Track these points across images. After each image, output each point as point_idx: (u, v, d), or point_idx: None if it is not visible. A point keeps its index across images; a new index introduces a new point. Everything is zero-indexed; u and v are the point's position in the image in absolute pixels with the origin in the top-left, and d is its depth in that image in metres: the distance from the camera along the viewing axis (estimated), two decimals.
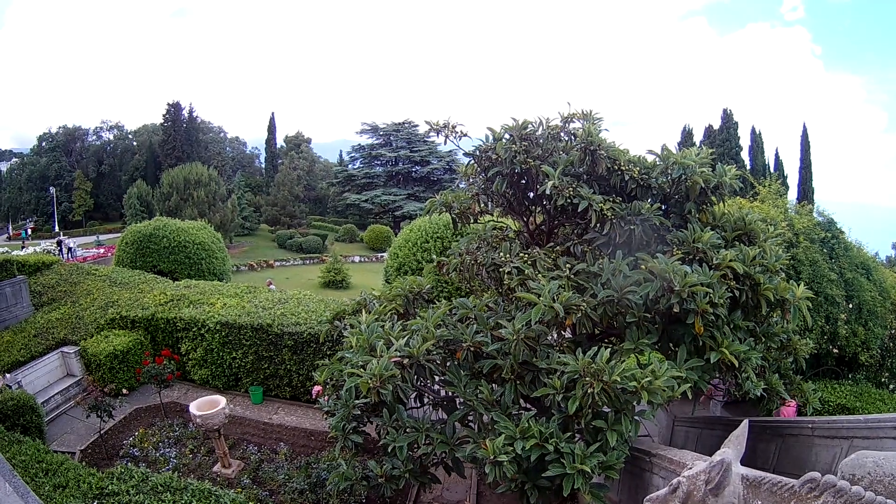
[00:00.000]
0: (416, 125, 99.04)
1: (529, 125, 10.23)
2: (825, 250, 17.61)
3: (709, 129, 69.94)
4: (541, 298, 8.06)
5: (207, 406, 13.37)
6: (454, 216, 11.30)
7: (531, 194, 10.64)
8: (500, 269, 9.62)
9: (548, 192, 9.09)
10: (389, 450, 8.64)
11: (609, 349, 7.77)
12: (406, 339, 8.61)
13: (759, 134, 69.78)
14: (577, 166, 9.65)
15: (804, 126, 68.36)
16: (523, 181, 10.38)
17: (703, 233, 8.78)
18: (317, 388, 13.62)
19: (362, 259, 72.08)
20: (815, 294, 16.00)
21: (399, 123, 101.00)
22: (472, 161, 10.68)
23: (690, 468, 5.36)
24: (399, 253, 25.24)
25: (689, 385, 8.03)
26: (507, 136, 10.18)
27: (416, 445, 8.69)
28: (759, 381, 9.61)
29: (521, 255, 9.62)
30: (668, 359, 8.51)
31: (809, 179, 67.20)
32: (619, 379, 7.26)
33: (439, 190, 11.81)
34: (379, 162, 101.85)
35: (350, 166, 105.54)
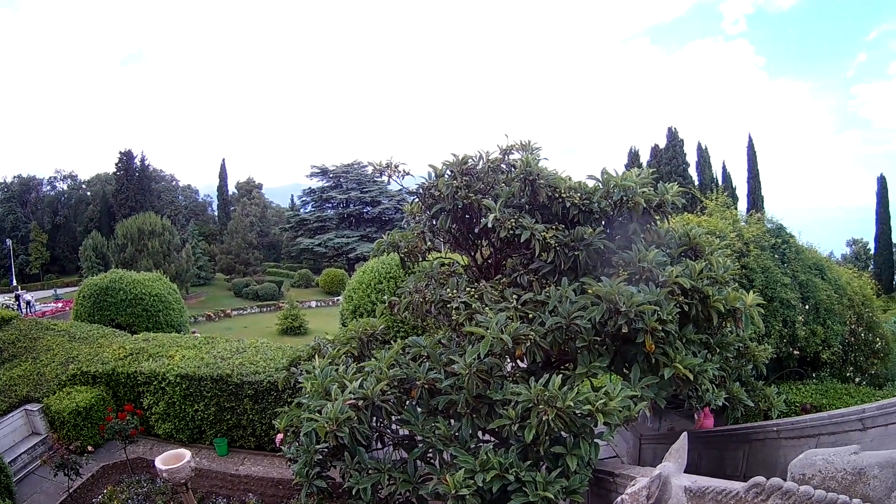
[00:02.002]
0: (366, 165, 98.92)
1: (470, 160, 10.31)
2: (777, 256, 17.97)
3: (655, 149, 71.67)
4: (489, 331, 8.11)
5: (173, 460, 13.15)
6: (402, 255, 11.36)
7: (476, 228, 10.70)
8: (449, 305, 9.67)
9: (490, 225, 9.17)
10: (354, 492, 8.59)
11: (561, 375, 7.84)
12: (360, 381, 8.62)
13: (706, 149, 71.85)
14: (519, 197, 9.76)
15: (749, 137, 70.29)
16: (467, 216, 10.44)
17: (648, 252, 8.89)
18: (280, 436, 13.54)
19: (318, 304, 71.67)
20: (769, 299, 16.30)
21: (348, 165, 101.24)
22: (417, 199, 10.75)
23: (633, 485, 5.42)
24: (353, 296, 25.05)
25: (646, 403, 8.12)
26: (448, 172, 10.28)
27: (380, 486, 8.66)
28: (719, 390, 9.74)
29: (468, 289, 9.69)
30: (624, 379, 8.59)
31: (758, 188, 69.09)
32: (572, 404, 7.33)
33: (391, 230, 11.81)
34: (330, 204, 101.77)
35: (302, 210, 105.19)
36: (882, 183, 67.33)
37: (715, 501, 4.42)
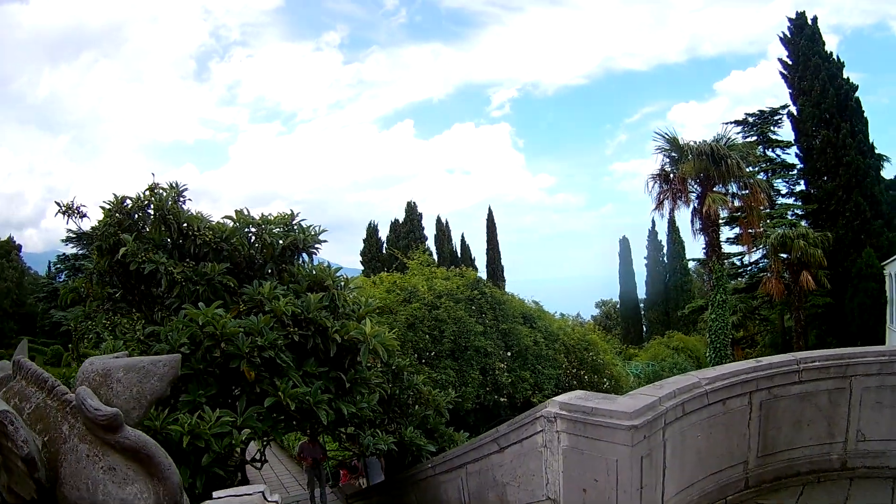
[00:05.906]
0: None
1: (128, 200, 10.40)
2: (473, 307, 19.07)
3: (394, 223, 73.51)
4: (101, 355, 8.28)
5: None
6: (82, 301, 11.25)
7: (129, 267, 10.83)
8: (86, 337, 9.78)
9: (120, 257, 9.33)
10: None
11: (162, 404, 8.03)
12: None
13: (447, 223, 75.54)
14: (164, 236, 10.07)
15: (489, 209, 75.74)
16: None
17: (264, 286, 9.36)
18: None
19: None
20: (463, 348, 17.15)
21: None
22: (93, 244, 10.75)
23: None
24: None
25: (248, 431, 8.46)
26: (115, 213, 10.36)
27: None
28: (386, 436, 10.31)
29: (104, 321, 9.84)
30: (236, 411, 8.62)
31: (498, 259, 74.03)
32: (158, 425, 7.49)
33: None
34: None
35: (56, 279, 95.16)
36: (625, 244, 75.65)
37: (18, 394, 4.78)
